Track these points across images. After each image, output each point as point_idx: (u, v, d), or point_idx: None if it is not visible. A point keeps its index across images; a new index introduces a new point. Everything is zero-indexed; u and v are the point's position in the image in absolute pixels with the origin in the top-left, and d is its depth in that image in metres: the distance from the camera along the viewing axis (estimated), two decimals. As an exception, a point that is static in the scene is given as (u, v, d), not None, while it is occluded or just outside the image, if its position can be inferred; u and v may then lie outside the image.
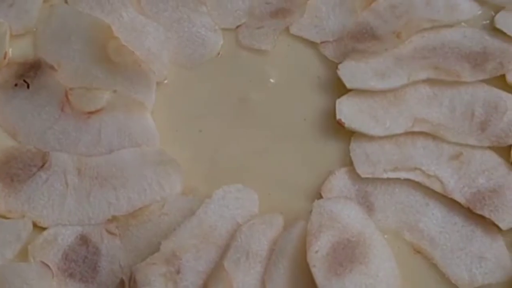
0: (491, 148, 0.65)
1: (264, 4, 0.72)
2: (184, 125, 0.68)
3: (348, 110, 0.66)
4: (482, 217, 0.62)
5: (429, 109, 0.67)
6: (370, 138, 0.66)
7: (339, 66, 0.68)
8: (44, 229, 0.62)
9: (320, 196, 0.64)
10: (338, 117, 0.66)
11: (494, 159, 0.65)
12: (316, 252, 0.58)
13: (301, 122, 0.68)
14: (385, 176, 0.64)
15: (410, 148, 0.66)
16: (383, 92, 0.67)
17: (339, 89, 0.68)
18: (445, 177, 0.64)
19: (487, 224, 0.62)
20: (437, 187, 0.64)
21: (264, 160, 0.66)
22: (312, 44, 0.71)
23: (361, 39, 0.71)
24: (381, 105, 0.67)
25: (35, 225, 0.62)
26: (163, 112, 0.68)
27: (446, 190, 0.64)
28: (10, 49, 0.70)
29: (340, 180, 0.65)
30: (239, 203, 0.62)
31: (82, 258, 0.61)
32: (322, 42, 0.71)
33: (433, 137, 0.66)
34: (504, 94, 0.66)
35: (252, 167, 0.66)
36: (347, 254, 0.59)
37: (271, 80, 0.70)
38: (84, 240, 0.62)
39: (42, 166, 0.64)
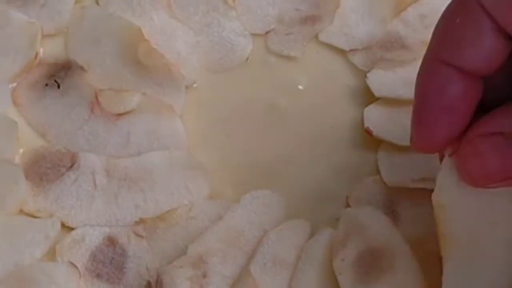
0: None
1: (293, 10, 0.72)
2: (212, 130, 0.68)
3: (376, 119, 0.67)
4: None
5: (457, 120, 0.66)
6: (398, 147, 0.66)
7: (368, 75, 0.68)
8: (72, 229, 0.63)
9: (347, 204, 0.64)
10: (366, 125, 0.66)
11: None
12: (343, 260, 0.58)
13: (329, 129, 0.68)
14: (412, 186, 0.64)
15: (437, 159, 0.65)
16: (411, 101, 0.67)
17: (368, 97, 0.68)
18: (471, 187, 0.64)
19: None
20: (464, 198, 0.64)
21: (291, 167, 0.66)
22: (341, 52, 0.71)
23: (390, 48, 0.71)
24: (409, 115, 0.67)
25: (63, 225, 0.63)
26: (192, 116, 0.68)
27: (472, 201, 0.63)
28: (41, 49, 0.70)
29: (367, 189, 0.65)
30: (266, 209, 0.63)
31: (109, 259, 0.62)
32: (351, 50, 0.71)
33: (461, 148, 0.65)
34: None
35: (280, 173, 0.66)
36: (373, 263, 0.59)
37: (300, 87, 0.70)
38: (111, 241, 0.62)
39: (71, 166, 0.64)
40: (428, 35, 0.69)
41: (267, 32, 0.72)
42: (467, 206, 0.52)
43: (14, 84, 0.68)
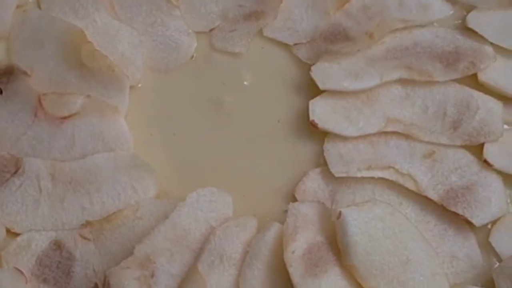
0: (463, 146, 0.65)
1: (237, 7, 0.72)
2: (158, 129, 0.68)
3: (321, 111, 0.67)
4: (454, 216, 0.63)
5: (402, 109, 0.67)
6: (343, 138, 0.66)
7: (312, 68, 0.68)
8: (17, 235, 0.62)
9: (294, 197, 0.64)
10: (311, 118, 0.66)
11: (466, 157, 0.65)
12: (293, 252, 0.59)
13: (275, 123, 0.68)
14: (359, 175, 0.65)
15: (383, 147, 0.66)
16: (356, 92, 0.68)
17: (313, 90, 0.68)
18: (419, 175, 0.65)
19: (460, 223, 0.63)
20: (410, 185, 0.64)
21: (238, 162, 0.66)
22: (286, 46, 0.71)
23: (334, 40, 0.71)
24: (354, 106, 0.67)
25: (8, 231, 0.62)
26: (137, 116, 0.68)
27: (419, 188, 0.64)
28: (-17, 55, 0.69)
29: (314, 181, 0.65)
30: (212, 206, 0.63)
31: (56, 263, 0.61)
32: (295, 44, 0.71)
33: (406, 136, 0.66)
34: (475, 93, 0.67)
35: (226, 170, 0.66)
36: (322, 255, 0.59)
37: (245, 83, 0.70)
38: (58, 245, 0.62)
39: (16, 172, 0.64)
40: (372, 27, 0.70)
41: (211, 30, 0.72)
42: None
43: (-44, 91, 0.67)
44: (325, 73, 0.68)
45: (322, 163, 0.66)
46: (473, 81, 0.68)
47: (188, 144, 0.67)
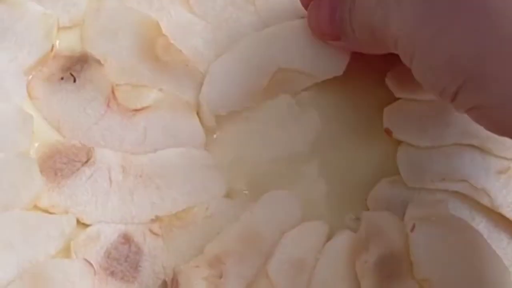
0: (539, 164, 0.64)
1: (313, 6, 0.71)
2: (230, 128, 0.67)
3: (396, 119, 0.66)
4: (528, 235, 0.62)
5: (478, 122, 0.65)
6: (417, 147, 0.65)
7: (388, 74, 0.67)
8: (87, 225, 0.62)
9: (365, 205, 0.63)
10: (385, 125, 0.65)
11: (542, 176, 0.64)
12: (365, 262, 0.58)
13: (348, 128, 0.67)
14: (432, 186, 0.64)
15: (457, 160, 0.65)
16: (431, 102, 0.66)
17: (388, 96, 0.67)
18: (493, 191, 0.63)
19: (534, 242, 0.62)
20: (484, 200, 0.63)
21: (309, 166, 0.66)
22: (361, 50, 0.70)
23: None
24: (429, 115, 0.66)
25: (78, 222, 0.62)
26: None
27: (493, 204, 0.63)
28: (57, 42, 0.69)
29: (386, 189, 0.64)
30: (283, 209, 0.62)
31: (124, 257, 0.61)
32: (371, 49, 0.70)
33: (481, 150, 0.65)
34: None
35: (297, 173, 0.65)
36: (393, 267, 0.59)
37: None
38: (126, 239, 0.61)
39: (87, 161, 0.64)
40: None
41: (285, 28, 0.71)
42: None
43: (30, 77, 0.67)
44: (400, 81, 0.67)
45: (395, 172, 0.64)
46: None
47: (260, 144, 0.67)
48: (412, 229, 0.59)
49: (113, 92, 0.66)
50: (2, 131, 0.63)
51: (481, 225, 0.63)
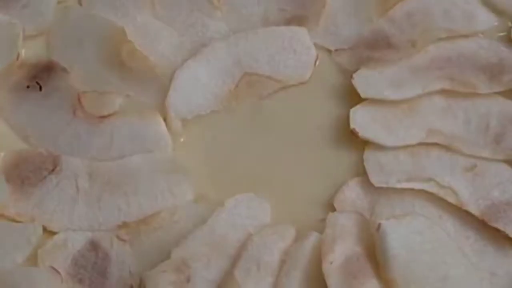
0: (505, 161, 0.64)
1: (279, 11, 0.71)
2: (197, 132, 0.67)
3: (362, 120, 0.66)
4: (495, 232, 0.62)
5: (444, 121, 0.66)
6: (384, 147, 0.65)
7: (354, 75, 0.68)
8: (54, 233, 0.62)
9: (332, 206, 0.64)
10: (352, 126, 0.66)
11: (508, 172, 0.64)
12: (331, 263, 0.58)
13: (315, 130, 0.67)
14: (398, 186, 0.64)
15: (424, 159, 0.65)
16: (397, 102, 0.67)
17: (354, 97, 0.67)
18: (460, 188, 0.63)
19: (500, 239, 0.62)
20: (451, 198, 0.63)
21: (276, 168, 0.66)
22: (327, 52, 0.70)
23: (376, 47, 0.70)
24: (395, 115, 0.66)
25: (45, 230, 0.62)
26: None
27: (460, 202, 0.63)
28: (23, 50, 0.69)
29: (353, 190, 0.64)
30: (250, 213, 0.62)
31: (91, 263, 0.61)
32: (336, 50, 0.70)
33: (447, 148, 0.65)
34: (520, 107, 0.66)
35: (264, 176, 0.65)
36: (360, 267, 0.59)
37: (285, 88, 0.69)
38: (94, 245, 0.61)
39: (53, 169, 0.64)
40: (415, 35, 0.69)
41: (252, 33, 0.71)
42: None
43: (-5, 86, 0.67)
44: (366, 81, 0.67)
45: (361, 173, 0.65)
46: (517, 94, 0.67)
47: (226, 148, 0.67)
48: (378, 229, 0.59)
49: (79, 99, 0.66)
50: (-33, 141, 0.63)
51: (448, 223, 0.63)
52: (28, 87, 0.67)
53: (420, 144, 0.65)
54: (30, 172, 0.64)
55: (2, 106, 0.66)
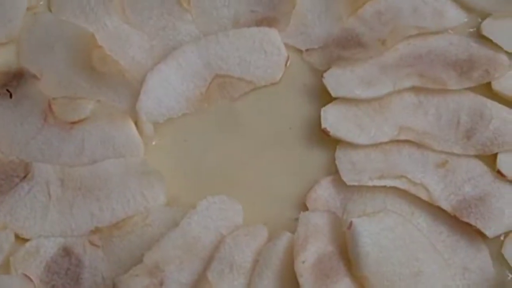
0: (477, 156, 0.65)
1: (249, 12, 0.71)
2: (168, 135, 0.67)
3: (333, 119, 0.66)
4: (467, 227, 0.62)
5: (415, 117, 0.66)
6: (355, 146, 0.65)
7: (324, 74, 0.68)
8: (26, 240, 0.62)
9: (305, 206, 0.64)
10: (323, 125, 0.66)
11: (480, 167, 0.65)
12: (303, 262, 0.58)
13: (286, 130, 0.67)
14: (370, 184, 0.64)
15: (396, 156, 0.65)
16: (368, 100, 0.67)
17: (325, 97, 0.67)
18: (431, 184, 0.64)
19: (472, 234, 0.62)
20: (423, 195, 0.63)
21: (248, 170, 0.66)
22: (298, 52, 0.71)
23: (346, 46, 0.70)
24: (366, 113, 0.67)
25: (17, 237, 0.62)
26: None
27: (432, 198, 0.63)
28: (-7, 58, 0.69)
29: (325, 189, 0.64)
30: (223, 214, 0.62)
31: (64, 270, 0.61)
32: (307, 50, 0.71)
33: (419, 145, 0.65)
34: (489, 102, 0.66)
35: (237, 177, 0.65)
36: (333, 266, 0.59)
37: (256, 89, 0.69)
38: (66, 251, 0.61)
39: (25, 177, 0.63)
40: (385, 33, 0.69)
41: (222, 35, 0.71)
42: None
43: (-35, 95, 0.67)
44: (337, 80, 0.68)
45: (333, 171, 0.65)
46: (487, 90, 0.67)
47: (198, 150, 0.67)
48: (350, 227, 0.59)
49: (49, 106, 0.66)
50: None
51: (420, 219, 0.63)
52: (-2, 94, 0.67)
53: (392, 141, 0.66)
54: (1, 180, 0.64)
55: (-28, 114, 0.66)
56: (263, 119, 0.68)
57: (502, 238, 0.62)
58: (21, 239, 0.62)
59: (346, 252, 0.60)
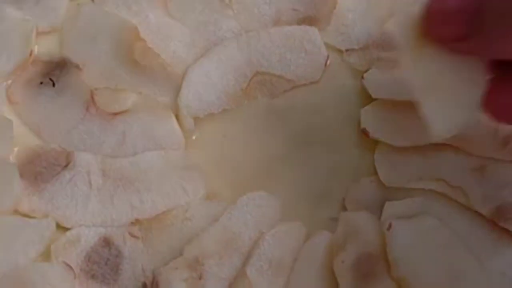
0: (514, 162, 0.65)
1: (291, 11, 0.71)
2: (208, 130, 0.67)
3: (373, 119, 0.66)
4: (505, 232, 0.62)
5: (454, 121, 0.66)
6: (394, 148, 0.66)
7: (364, 75, 0.68)
8: (67, 229, 0.62)
9: (343, 206, 0.64)
10: (362, 126, 0.66)
11: (517, 173, 0.65)
12: (343, 262, 0.58)
13: (326, 130, 0.68)
14: (409, 186, 0.64)
15: (434, 159, 0.66)
16: (407, 102, 0.67)
17: (364, 97, 0.68)
18: (469, 189, 0.64)
19: (510, 239, 0.62)
20: (461, 199, 0.64)
21: (288, 168, 0.66)
22: (338, 52, 0.71)
23: (386, 47, 0.70)
24: (405, 116, 0.67)
25: (58, 225, 0.62)
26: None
27: (469, 202, 0.63)
28: (36, 47, 0.69)
29: (364, 190, 0.65)
30: (262, 211, 0.63)
31: (104, 260, 0.61)
32: (347, 50, 0.71)
33: (457, 149, 0.66)
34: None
35: (276, 174, 0.66)
36: (371, 266, 0.59)
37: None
38: (106, 242, 0.62)
39: (66, 165, 0.64)
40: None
41: (264, 32, 0.72)
42: None
43: (9, 82, 0.68)
44: (377, 82, 0.68)
45: (372, 172, 0.65)
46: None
47: (237, 146, 0.67)
48: (389, 228, 0.59)
49: (92, 96, 0.67)
50: (-19, 137, 0.63)
51: (457, 223, 0.63)
52: (41, 83, 0.67)
53: (431, 144, 0.66)
54: (43, 168, 0.64)
55: (16, 102, 0.67)
56: (302, 117, 0.68)
57: (539, 244, 0.62)
58: (62, 228, 0.62)
59: (385, 253, 0.60)
